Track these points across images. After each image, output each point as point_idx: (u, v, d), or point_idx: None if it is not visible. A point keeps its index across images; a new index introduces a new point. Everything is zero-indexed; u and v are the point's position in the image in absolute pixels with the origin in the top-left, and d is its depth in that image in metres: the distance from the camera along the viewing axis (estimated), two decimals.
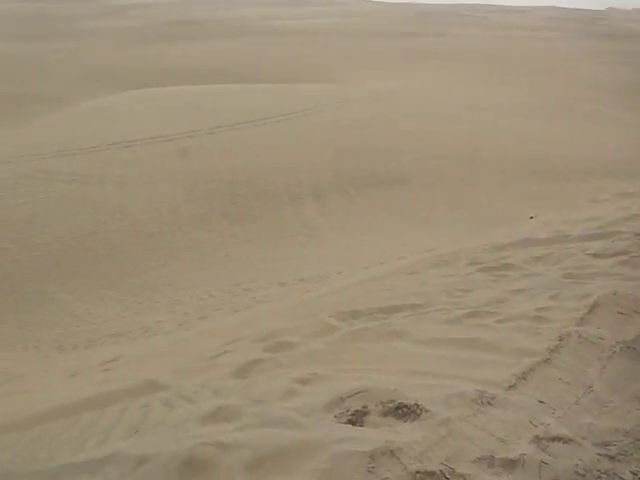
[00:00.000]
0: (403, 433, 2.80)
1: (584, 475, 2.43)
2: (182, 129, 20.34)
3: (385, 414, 3.02)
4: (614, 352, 3.38)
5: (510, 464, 2.54)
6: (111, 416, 3.68)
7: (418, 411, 2.97)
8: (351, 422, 2.98)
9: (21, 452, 3.45)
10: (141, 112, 23.47)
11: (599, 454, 2.56)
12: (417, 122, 21.51)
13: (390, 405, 3.06)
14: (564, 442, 2.66)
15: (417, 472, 2.49)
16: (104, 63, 34.11)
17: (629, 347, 3.40)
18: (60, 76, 30.95)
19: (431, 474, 2.48)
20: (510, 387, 3.14)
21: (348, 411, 3.06)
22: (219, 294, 10.72)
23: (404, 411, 3.00)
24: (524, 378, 3.23)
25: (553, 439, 2.68)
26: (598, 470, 2.45)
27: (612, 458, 2.54)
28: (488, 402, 2.99)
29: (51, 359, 9.12)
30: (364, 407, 3.07)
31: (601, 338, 3.55)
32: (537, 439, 2.68)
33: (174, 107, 23.79)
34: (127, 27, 48.56)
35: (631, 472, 2.45)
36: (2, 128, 22.12)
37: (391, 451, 2.61)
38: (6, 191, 15.68)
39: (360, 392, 3.21)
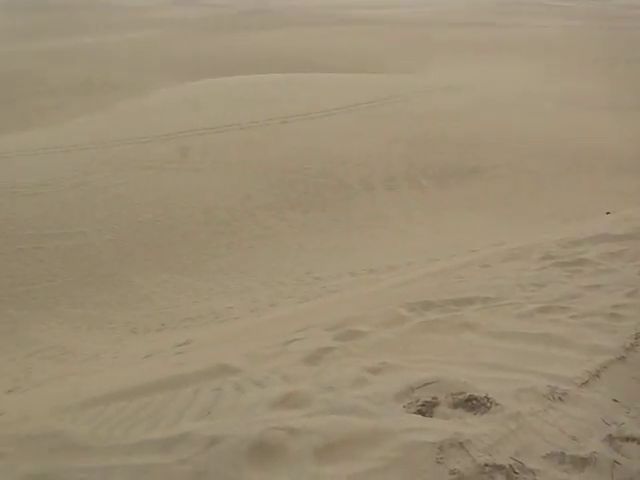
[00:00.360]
0: (472, 425, 2.80)
1: None
2: (256, 118, 20.52)
3: (455, 406, 3.02)
4: None
5: (581, 462, 2.51)
6: (184, 397, 3.76)
7: (488, 404, 2.96)
8: (421, 412, 2.99)
9: (98, 428, 3.54)
10: (215, 100, 23.72)
11: None
12: (493, 114, 21.21)
13: (460, 397, 3.06)
14: (638, 443, 2.62)
15: (486, 465, 2.49)
16: (179, 52, 34.54)
17: None
18: (136, 65, 31.50)
19: (500, 468, 2.48)
20: (583, 384, 3.10)
21: (418, 401, 3.07)
22: (290, 282, 10.79)
23: (474, 403, 3.00)
24: (598, 375, 3.18)
25: (627, 439, 2.65)
26: None
27: None
28: (559, 398, 2.96)
29: (125, 341, 9.32)
30: (434, 398, 3.08)
31: None
32: (610, 438, 2.65)
33: (248, 96, 23.98)
34: (201, 17, 49.02)
35: None
36: (81, 114, 22.71)
37: (460, 443, 2.62)
38: (84, 177, 16.08)
39: (430, 383, 3.22)
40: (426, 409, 3.02)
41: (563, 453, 2.56)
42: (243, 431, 2.94)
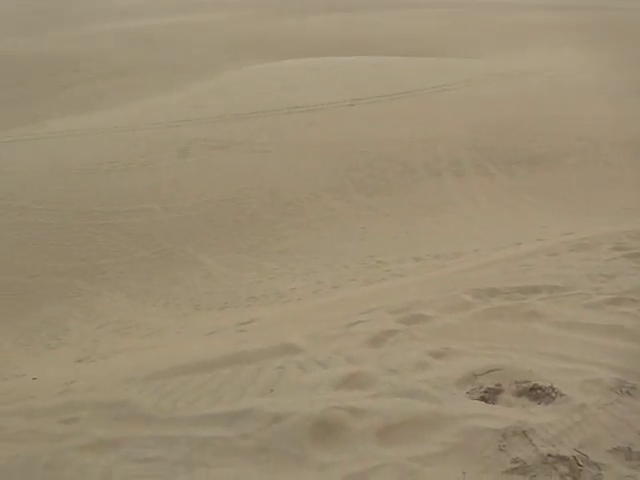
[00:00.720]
0: (536, 415, 2.78)
1: None
2: (322, 100, 20.51)
3: (519, 394, 2.99)
4: None
5: None
6: (247, 374, 3.81)
7: (553, 394, 2.93)
8: (484, 399, 2.98)
9: (162, 400, 3.62)
10: (283, 82, 23.78)
11: None
12: (562, 102, 20.72)
13: (524, 385, 3.03)
14: None
15: (549, 455, 2.47)
16: (248, 34, 34.61)
17: None
18: (205, 47, 31.72)
19: (563, 459, 2.45)
20: None
21: (481, 388, 3.06)
22: (354, 265, 10.77)
23: (538, 393, 2.97)
24: None
25: None
26: None
27: None
28: (627, 392, 2.91)
29: (188, 317, 9.45)
30: (498, 385, 3.06)
31: None
32: None
33: (315, 78, 23.99)
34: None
35: None
36: (150, 95, 23.05)
37: (523, 431, 2.60)
38: (153, 155, 16.33)
39: (494, 370, 3.19)
40: (489, 396, 3.00)
41: (630, 449, 2.51)
42: (306, 409, 2.98)
